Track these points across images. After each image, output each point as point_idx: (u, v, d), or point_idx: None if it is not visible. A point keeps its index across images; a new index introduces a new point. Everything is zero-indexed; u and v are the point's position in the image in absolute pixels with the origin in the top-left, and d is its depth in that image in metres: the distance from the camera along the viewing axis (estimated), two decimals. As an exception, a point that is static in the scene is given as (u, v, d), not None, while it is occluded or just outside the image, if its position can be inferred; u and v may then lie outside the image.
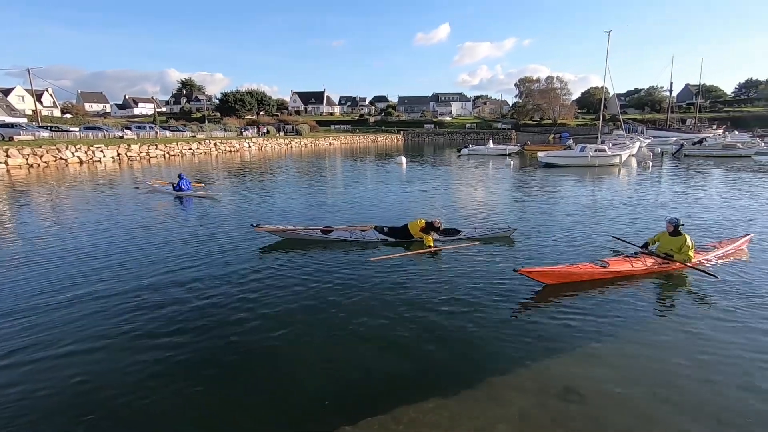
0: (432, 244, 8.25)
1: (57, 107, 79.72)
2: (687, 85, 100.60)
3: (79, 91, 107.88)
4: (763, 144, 37.99)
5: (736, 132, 54.13)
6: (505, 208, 13.31)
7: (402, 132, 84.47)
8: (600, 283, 6.37)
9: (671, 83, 59.51)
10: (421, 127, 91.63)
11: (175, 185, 15.60)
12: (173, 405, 3.81)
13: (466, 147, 42.06)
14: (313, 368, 4.38)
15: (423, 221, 8.75)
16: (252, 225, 9.07)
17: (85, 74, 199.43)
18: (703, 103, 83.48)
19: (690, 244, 6.85)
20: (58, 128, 40.58)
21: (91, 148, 30.98)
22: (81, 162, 29.70)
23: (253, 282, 6.59)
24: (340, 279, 6.72)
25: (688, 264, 6.84)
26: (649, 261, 6.92)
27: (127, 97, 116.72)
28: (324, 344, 4.83)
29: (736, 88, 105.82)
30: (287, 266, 7.33)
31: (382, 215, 11.91)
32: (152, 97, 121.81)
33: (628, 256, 7.06)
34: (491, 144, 43.04)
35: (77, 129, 41.66)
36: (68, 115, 67.98)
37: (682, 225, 7.11)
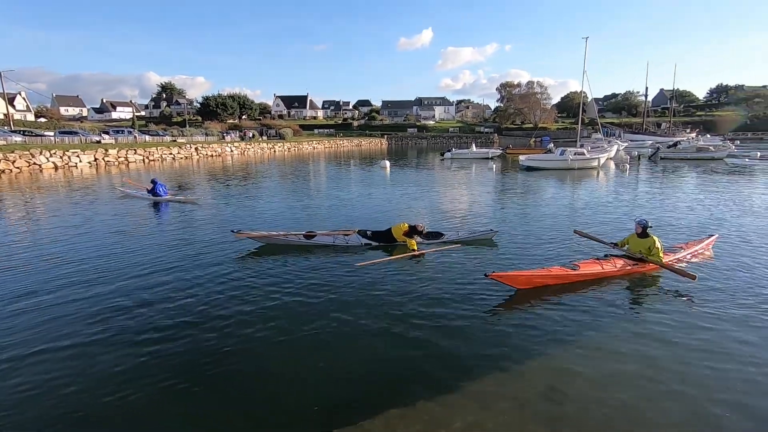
0: (416, 248, 8.28)
1: (30, 111, 77.44)
2: (662, 90, 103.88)
3: (54, 95, 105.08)
4: (733, 147, 39.42)
5: (708, 135, 56.01)
6: (488, 211, 13.46)
7: (386, 136, 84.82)
8: (573, 286, 6.41)
9: (647, 88, 61.58)
10: (405, 131, 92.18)
11: (149, 190, 15.34)
12: (156, 411, 3.72)
13: (449, 151, 42.45)
14: (297, 373, 4.33)
15: (406, 225, 8.78)
16: (232, 231, 8.93)
17: (60, 77, 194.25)
18: (677, 108, 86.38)
19: (659, 246, 6.94)
20: (32, 133, 39.38)
21: (66, 153, 30.14)
22: (56, 167, 28.87)
23: (233, 289, 6.49)
24: (324, 284, 6.67)
25: (663, 266, 6.88)
26: (620, 263, 6.96)
27: (104, 100, 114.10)
28: (307, 349, 4.78)
29: (707, 93, 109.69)
30: (269, 272, 7.24)
31: (366, 219, 11.91)
32: (131, 101, 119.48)
33: (598, 259, 7.10)
34: (474, 148, 43.50)
35: (52, 133, 40.50)
36: (42, 119, 66.09)
37: (650, 227, 7.20)
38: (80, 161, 30.61)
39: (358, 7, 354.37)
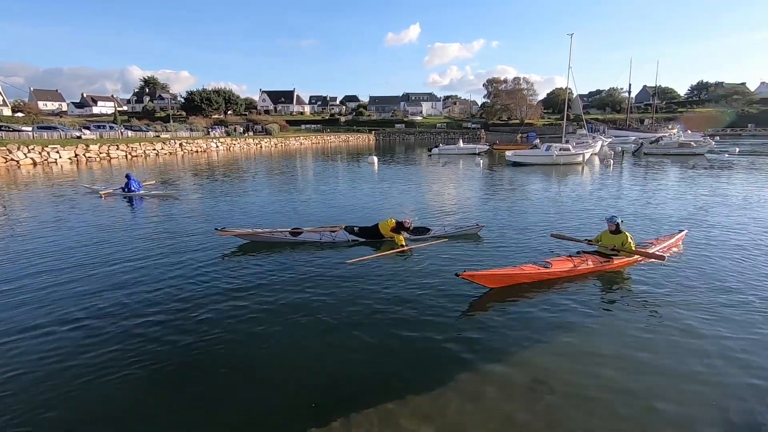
0: (404, 244, 8.29)
1: (7, 105, 74.99)
2: (645, 86, 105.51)
3: (32, 89, 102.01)
4: (713, 143, 40.35)
5: (689, 132, 57.13)
6: (474, 206, 13.54)
7: (373, 131, 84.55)
8: (546, 284, 6.38)
9: (630, 85, 62.13)
10: (393, 127, 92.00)
11: (123, 187, 15.04)
12: (141, 412, 3.66)
13: (436, 146, 42.56)
14: (284, 371, 4.30)
15: (393, 221, 8.77)
16: (216, 228, 8.76)
17: (38, 71, 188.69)
18: (659, 104, 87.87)
19: (631, 241, 7.07)
20: (9, 128, 38.32)
21: (45, 148, 29.36)
22: (34, 163, 28.12)
23: (217, 288, 6.38)
24: (310, 281, 6.63)
25: (634, 252, 7.01)
26: (592, 260, 6.98)
27: (85, 95, 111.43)
28: (294, 347, 4.76)
29: (688, 90, 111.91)
30: (254, 270, 7.16)
31: (354, 215, 11.87)
32: (112, 96, 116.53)
33: (570, 256, 7.09)
34: (461, 143, 43.73)
35: (30, 129, 39.42)
36: (20, 114, 64.17)
37: (621, 222, 7.30)
38: (60, 157, 29.85)
39: (346, 2, 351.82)
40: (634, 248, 7.08)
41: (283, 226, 9.50)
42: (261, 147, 52.70)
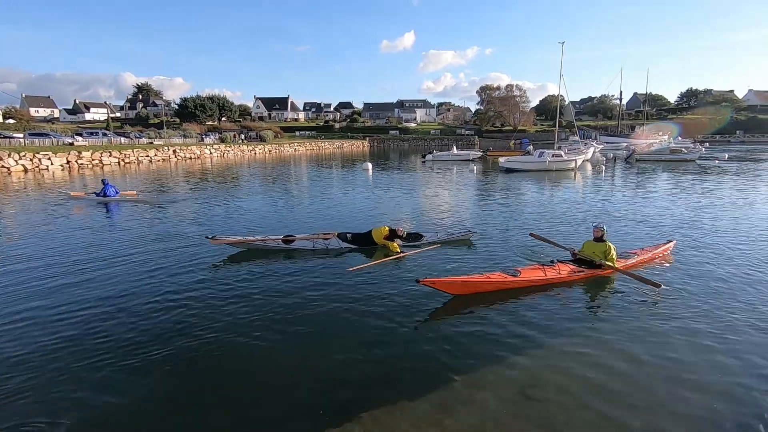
0: (399, 250, 8.31)
1: (-2, 112, 74.40)
2: (635, 93, 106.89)
3: (24, 95, 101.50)
4: (703, 149, 40.90)
5: (680, 138, 57.87)
6: (468, 212, 13.61)
7: (367, 138, 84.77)
8: (515, 293, 6.22)
9: (621, 92, 62.99)
10: (387, 134, 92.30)
11: (99, 192, 15.14)
12: (136, 419, 3.62)
13: (430, 153, 42.75)
14: (278, 378, 4.28)
15: (387, 229, 8.80)
16: (207, 237, 8.64)
17: (31, 77, 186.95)
18: (650, 111, 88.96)
19: (614, 254, 6.87)
20: (0, 134, 37.94)
21: (37, 155, 29.14)
22: (26, 170, 27.88)
23: (209, 297, 6.34)
24: (304, 289, 6.61)
25: (623, 272, 6.76)
26: (565, 269, 6.77)
27: (77, 101, 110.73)
28: (288, 354, 4.74)
29: (678, 97, 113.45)
30: (247, 278, 7.13)
31: (349, 221, 11.87)
32: (105, 102, 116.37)
33: (543, 265, 6.89)
34: (455, 150, 43.91)
35: (21, 135, 39.10)
36: (11, 121, 63.65)
37: (606, 231, 7.22)
38: (51, 164, 29.63)
39: (341, 9, 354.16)
40: (615, 260, 6.90)
41: (275, 233, 9.47)
42: (255, 154, 52.61)
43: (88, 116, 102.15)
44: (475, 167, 30.93)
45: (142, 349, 4.79)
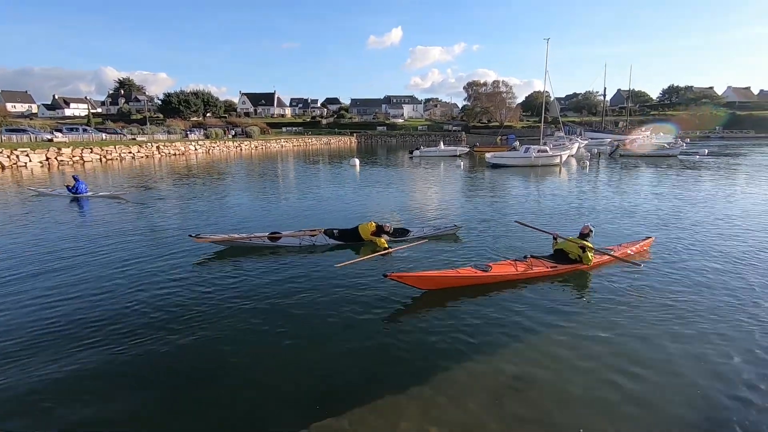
0: (386, 246, 8.32)
1: (-27, 107, 72.05)
2: (619, 90, 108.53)
3: (0, 90, 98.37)
4: (684, 145, 41.84)
5: (662, 134, 59.05)
6: (454, 207, 13.68)
7: (355, 134, 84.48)
8: (489, 288, 6.18)
9: (605, 88, 64.28)
10: (374, 129, 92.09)
11: (70, 187, 15.11)
12: (127, 418, 3.57)
13: (418, 149, 42.78)
14: (266, 376, 4.27)
15: (374, 224, 8.79)
16: (190, 235, 8.48)
17: (8, 72, 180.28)
18: (633, 107, 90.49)
19: (589, 253, 6.94)
20: (-25, 130, 36.75)
21: (14, 152, 28.32)
22: (2, 167, 27.10)
23: (193, 296, 6.25)
24: (290, 286, 6.58)
25: (605, 255, 6.93)
26: (538, 265, 6.77)
27: (56, 96, 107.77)
28: (276, 351, 4.72)
29: (660, 94, 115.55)
30: (232, 276, 7.04)
31: (336, 217, 11.82)
32: (86, 97, 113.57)
33: (516, 260, 6.87)
34: (442, 146, 44.03)
35: (-3, 131, 37.91)
36: (-14, 116, 61.64)
37: (592, 232, 7.32)
38: (30, 161, 28.83)
39: (327, 4, 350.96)
40: (590, 258, 6.94)
41: (261, 230, 9.37)
42: (241, 150, 52.01)
43: (68, 111, 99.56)
44: (462, 163, 31.10)
45: (122, 348, 4.72)
